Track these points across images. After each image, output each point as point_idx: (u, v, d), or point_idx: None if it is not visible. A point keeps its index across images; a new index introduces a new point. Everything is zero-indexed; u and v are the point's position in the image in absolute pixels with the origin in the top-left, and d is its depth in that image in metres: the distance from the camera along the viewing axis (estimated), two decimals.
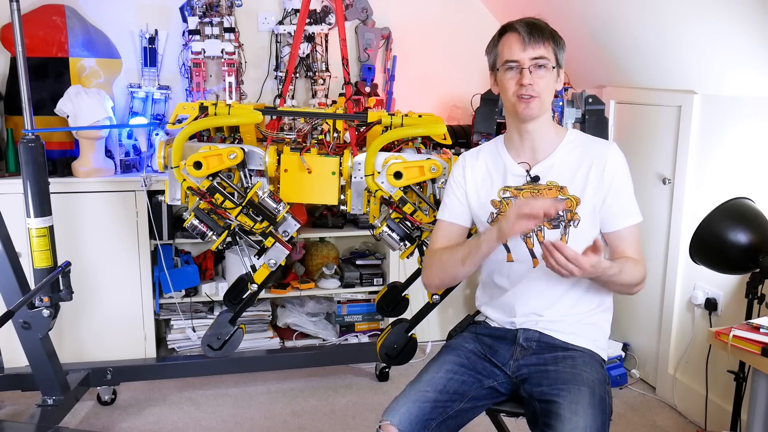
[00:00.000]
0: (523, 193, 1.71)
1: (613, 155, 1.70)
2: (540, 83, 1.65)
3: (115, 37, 3.20)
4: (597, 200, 1.68)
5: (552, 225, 1.68)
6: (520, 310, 1.74)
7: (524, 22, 1.67)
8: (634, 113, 3.10)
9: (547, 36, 1.66)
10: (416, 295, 2.69)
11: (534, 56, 1.64)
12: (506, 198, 1.73)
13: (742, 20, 2.24)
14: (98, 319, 3.00)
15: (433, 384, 1.65)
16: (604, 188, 1.68)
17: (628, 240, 1.70)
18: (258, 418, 2.79)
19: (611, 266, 1.57)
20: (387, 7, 3.53)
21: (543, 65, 1.65)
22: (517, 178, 1.74)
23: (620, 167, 1.70)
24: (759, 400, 1.79)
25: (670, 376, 2.88)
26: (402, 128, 2.14)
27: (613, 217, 1.69)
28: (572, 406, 1.53)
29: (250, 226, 2.12)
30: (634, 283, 1.67)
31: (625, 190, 1.70)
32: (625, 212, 1.69)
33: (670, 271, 2.86)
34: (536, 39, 1.64)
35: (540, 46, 1.64)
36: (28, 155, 2.35)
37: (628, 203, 1.70)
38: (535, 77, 1.64)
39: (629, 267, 1.64)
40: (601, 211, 1.69)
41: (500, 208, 1.74)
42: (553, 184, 1.70)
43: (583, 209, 1.68)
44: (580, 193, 1.68)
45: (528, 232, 1.68)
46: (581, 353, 1.70)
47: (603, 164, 1.68)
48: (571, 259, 1.47)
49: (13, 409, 2.83)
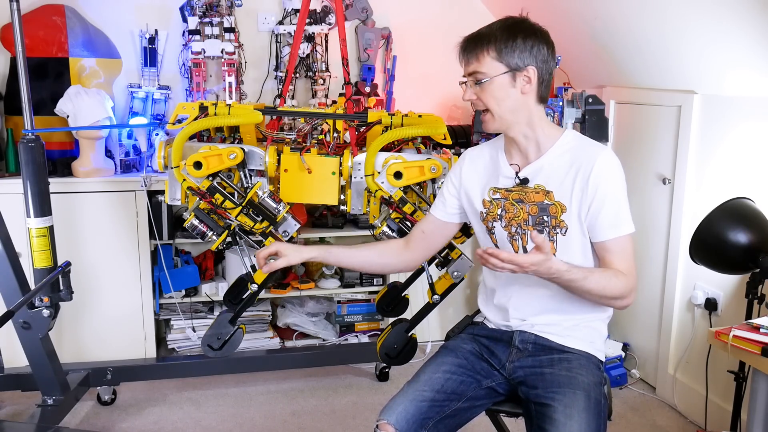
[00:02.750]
0: (511, 195, 1.69)
1: (601, 161, 1.59)
2: (483, 96, 1.63)
3: (115, 37, 3.20)
4: (582, 208, 1.61)
5: (537, 230, 1.65)
6: (513, 313, 1.74)
7: (466, 37, 1.65)
8: (634, 113, 3.10)
9: (484, 45, 1.60)
10: (416, 295, 2.70)
11: (469, 71, 1.64)
12: (496, 199, 1.71)
13: (742, 20, 2.24)
14: (98, 319, 3.00)
15: (431, 383, 1.65)
16: (588, 196, 1.59)
17: (614, 252, 1.61)
18: (258, 418, 2.79)
19: (571, 270, 1.50)
20: (387, 7, 3.53)
21: (479, 81, 1.62)
22: (507, 180, 1.71)
23: (608, 174, 1.60)
24: (759, 400, 1.79)
25: (670, 376, 2.88)
26: (402, 128, 2.14)
27: (599, 228, 1.61)
28: (567, 411, 1.52)
29: (250, 226, 2.12)
30: (611, 296, 1.58)
31: (612, 199, 1.59)
32: (610, 223, 1.60)
33: (670, 271, 2.86)
34: (469, 53, 1.63)
35: (473, 61, 1.62)
36: (28, 155, 2.35)
37: (616, 213, 1.60)
38: (477, 91, 1.64)
39: (600, 277, 1.56)
40: (587, 220, 1.62)
41: (489, 208, 1.73)
42: (540, 187, 1.66)
43: (569, 217, 1.63)
44: (567, 199, 1.63)
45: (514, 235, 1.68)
46: (577, 356, 1.68)
47: (589, 171, 1.59)
48: (506, 260, 1.44)
49: (13, 409, 2.83)
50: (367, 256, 1.87)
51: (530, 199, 1.67)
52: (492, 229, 1.73)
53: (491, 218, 1.72)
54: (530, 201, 1.67)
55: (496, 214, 1.71)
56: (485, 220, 1.74)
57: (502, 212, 1.70)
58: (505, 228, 1.70)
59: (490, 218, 1.73)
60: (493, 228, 1.73)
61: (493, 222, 1.72)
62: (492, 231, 1.73)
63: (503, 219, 1.70)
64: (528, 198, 1.67)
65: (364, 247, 1.89)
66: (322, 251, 1.82)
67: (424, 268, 2.18)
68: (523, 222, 1.67)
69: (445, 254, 2.17)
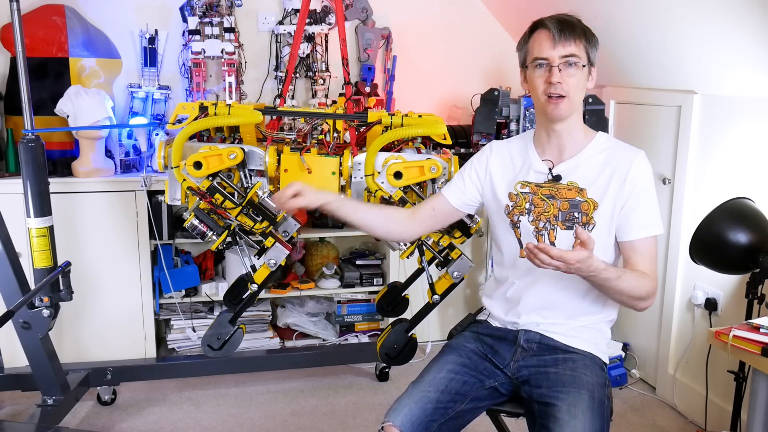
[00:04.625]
0: (541, 190, 1.69)
1: (638, 164, 1.65)
2: (569, 82, 1.61)
3: (115, 37, 3.20)
4: (616, 207, 1.64)
5: (566, 226, 1.67)
6: (523, 307, 1.73)
7: (555, 19, 1.63)
8: (634, 113, 3.10)
9: (579, 33, 1.62)
10: (416, 295, 2.69)
11: (564, 54, 1.61)
12: (524, 193, 1.71)
13: (742, 20, 2.24)
14: (98, 319, 3.00)
15: (435, 384, 1.65)
16: (623, 196, 1.63)
17: (641, 252, 1.64)
18: (258, 418, 2.79)
19: (608, 268, 1.52)
20: (387, 7, 3.53)
21: (573, 63, 1.61)
22: (538, 175, 1.72)
23: (643, 176, 1.65)
24: (759, 400, 1.79)
25: (670, 376, 2.88)
26: (402, 128, 2.14)
27: (629, 227, 1.64)
28: (571, 410, 1.53)
29: (250, 226, 2.12)
30: (637, 296, 1.60)
31: (646, 200, 1.64)
32: (641, 223, 1.64)
33: (670, 271, 2.86)
34: (567, 36, 1.61)
35: (570, 44, 1.61)
36: (28, 155, 2.35)
37: (647, 214, 1.64)
38: (565, 75, 1.61)
39: (631, 277, 1.58)
40: (618, 219, 1.65)
41: (516, 202, 1.72)
42: (573, 184, 1.68)
43: (600, 215, 1.65)
44: (600, 197, 1.65)
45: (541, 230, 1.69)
46: (582, 356, 1.69)
47: (626, 172, 1.64)
48: (556, 257, 1.42)
49: (13, 409, 2.83)
50: (376, 217, 1.87)
51: (562, 195, 1.67)
52: (517, 223, 1.73)
53: (518, 212, 1.72)
54: (562, 197, 1.67)
55: (524, 208, 1.71)
56: (511, 213, 1.73)
57: (531, 206, 1.70)
58: (532, 222, 1.70)
59: (517, 212, 1.72)
60: (518, 222, 1.72)
61: (519, 216, 1.72)
62: (517, 225, 1.73)
63: (531, 213, 1.70)
64: (560, 194, 1.68)
65: (375, 207, 1.95)
66: (338, 201, 1.83)
67: (424, 268, 2.18)
68: (553, 217, 1.68)
69: (445, 254, 2.17)
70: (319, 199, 1.78)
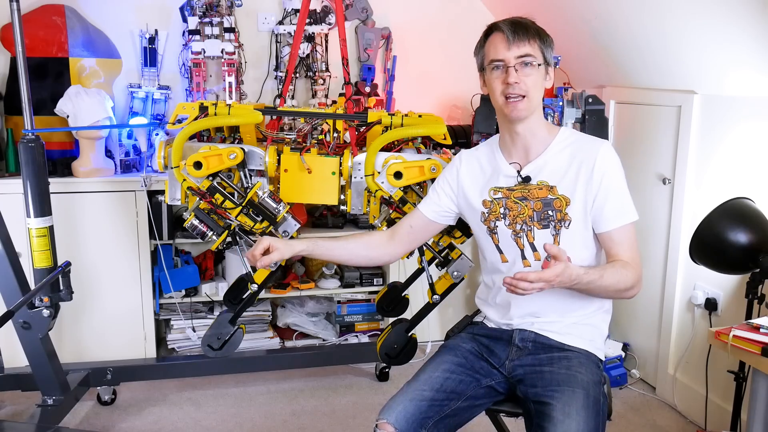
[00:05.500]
0: (513, 194, 1.71)
1: (603, 153, 1.66)
2: (527, 81, 1.64)
3: (115, 37, 3.20)
4: (587, 200, 1.66)
5: (542, 225, 1.68)
6: (515, 311, 1.74)
7: (508, 21, 1.67)
8: (634, 113, 3.10)
9: (532, 33, 1.65)
10: (416, 295, 2.70)
11: (519, 54, 1.63)
12: (497, 198, 1.73)
13: (742, 20, 2.24)
14: (98, 319, 3.00)
15: (430, 383, 1.66)
16: (593, 188, 1.65)
17: (620, 241, 1.66)
18: (258, 418, 2.79)
19: (588, 272, 1.53)
20: (387, 7, 3.53)
21: (529, 63, 1.64)
22: (508, 179, 1.73)
23: (610, 165, 1.66)
24: (759, 400, 1.79)
25: (670, 376, 2.88)
26: (402, 128, 2.14)
27: (605, 218, 1.66)
28: (565, 409, 1.52)
29: (250, 226, 2.12)
30: (624, 288, 1.61)
31: (616, 189, 1.66)
32: (615, 212, 1.65)
33: (670, 271, 2.86)
34: (521, 37, 1.64)
35: (525, 44, 1.64)
36: (28, 155, 2.35)
37: (620, 203, 1.66)
38: (522, 75, 1.64)
39: (613, 272, 1.59)
40: (592, 211, 1.66)
41: (491, 208, 1.74)
42: (543, 184, 1.69)
43: (573, 210, 1.66)
44: (570, 192, 1.67)
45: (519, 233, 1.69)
46: (577, 354, 1.69)
47: (592, 163, 1.65)
48: (535, 280, 1.42)
49: (13, 409, 2.83)
50: (353, 249, 1.89)
51: (534, 195, 1.69)
52: (494, 229, 1.74)
53: (494, 218, 1.73)
54: (534, 197, 1.68)
55: (499, 213, 1.72)
56: (487, 220, 1.74)
57: (505, 211, 1.71)
58: (509, 226, 1.71)
59: (493, 218, 1.73)
60: (495, 228, 1.73)
61: (495, 221, 1.73)
62: (494, 231, 1.74)
63: (507, 217, 1.71)
64: (532, 195, 1.69)
65: (350, 239, 1.91)
66: (310, 244, 1.83)
67: (424, 268, 2.18)
68: (528, 219, 1.69)
69: (445, 254, 2.17)
70: (292, 248, 1.78)
